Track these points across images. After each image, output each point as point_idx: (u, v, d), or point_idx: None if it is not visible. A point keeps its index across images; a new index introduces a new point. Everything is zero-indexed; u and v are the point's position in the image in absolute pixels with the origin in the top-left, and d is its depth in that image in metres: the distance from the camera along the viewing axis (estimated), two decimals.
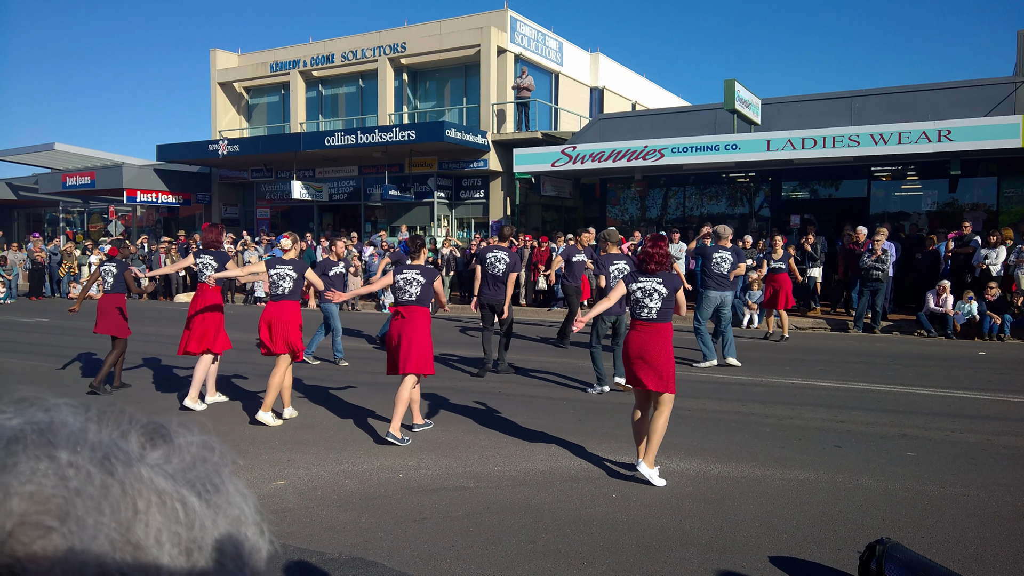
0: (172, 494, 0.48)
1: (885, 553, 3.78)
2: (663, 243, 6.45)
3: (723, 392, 9.62)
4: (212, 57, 30.66)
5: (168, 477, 0.49)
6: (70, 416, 0.49)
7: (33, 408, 0.50)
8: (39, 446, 0.45)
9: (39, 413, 0.49)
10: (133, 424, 0.52)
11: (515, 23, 25.08)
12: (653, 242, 6.42)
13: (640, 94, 33.38)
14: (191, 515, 0.48)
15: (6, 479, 0.43)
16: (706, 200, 22.66)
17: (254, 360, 11.82)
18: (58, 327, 16.62)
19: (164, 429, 0.54)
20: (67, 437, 0.47)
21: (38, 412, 0.49)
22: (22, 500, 0.42)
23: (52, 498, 0.43)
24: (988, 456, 6.77)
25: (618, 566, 4.56)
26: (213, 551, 0.48)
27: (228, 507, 0.51)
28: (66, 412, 0.50)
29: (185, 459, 0.52)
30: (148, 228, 33.04)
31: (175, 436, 0.53)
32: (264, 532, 0.54)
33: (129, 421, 0.52)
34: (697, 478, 6.24)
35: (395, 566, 4.56)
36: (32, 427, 0.47)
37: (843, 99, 19.94)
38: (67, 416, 0.49)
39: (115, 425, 0.51)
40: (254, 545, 0.52)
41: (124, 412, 0.54)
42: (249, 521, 0.52)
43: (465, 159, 24.39)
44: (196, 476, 0.51)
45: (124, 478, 0.46)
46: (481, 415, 8.42)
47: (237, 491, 0.53)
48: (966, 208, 18.86)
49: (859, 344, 13.98)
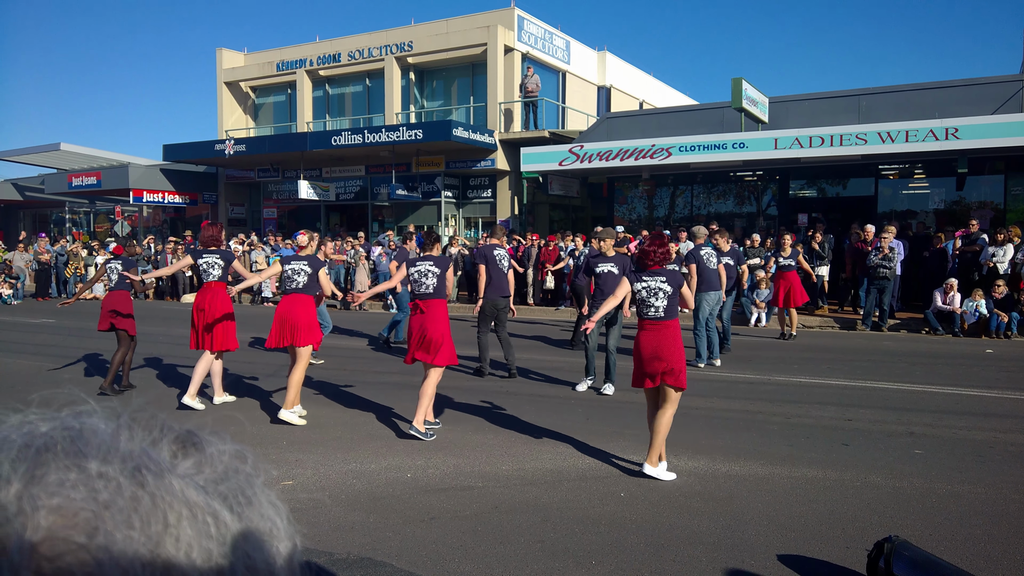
0: (203, 507, 0.46)
1: (893, 551, 3.78)
2: (664, 241, 6.48)
3: (731, 390, 9.61)
4: (218, 57, 30.72)
5: (199, 489, 0.47)
6: (101, 423, 0.49)
7: (63, 413, 0.49)
8: (68, 455, 0.44)
9: (69, 419, 0.48)
10: (165, 432, 0.51)
11: (522, 22, 25.07)
12: (653, 240, 6.46)
13: (647, 93, 33.33)
14: (222, 529, 0.47)
15: (34, 491, 0.42)
16: (714, 199, 22.63)
17: (262, 360, 11.86)
18: (65, 328, 16.67)
19: (196, 437, 0.53)
20: (98, 446, 0.46)
21: (68, 418, 0.48)
22: (49, 514, 0.41)
23: (80, 512, 0.42)
24: (996, 454, 6.76)
25: (627, 565, 4.56)
26: (244, 567, 0.47)
27: (260, 520, 0.50)
28: (97, 418, 0.49)
29: (217, 469, 0.51)
30: (155, 228, 33.11)
31: (207, 445, 0.53)
32: (297, 546, 0.53)
33: (161, 428, 0.52)
34: (705, 476, 6.24)
35: (404, 566, 4.57)
36: (62, 434, 0.46)
37: (850, 97, 19.90)
38: (98, 423, 0.49)
39: (147, 432, 0.51)
40: (286, 560, 0.51)
41: (156, 418, 0.53)
42: (282, 535, 0.51)
43: (472, 158, 24.39)
44: (228, 488, 0.50)
45: (155, 490, 0.45)
46: (488, 414, 8.43)
47: (270, 503, 0.52)
48: (973, 206, 18.81)
49: (866, 342, 13.95)
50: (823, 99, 20.38)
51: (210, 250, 9.09)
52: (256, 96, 31.48)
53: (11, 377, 10.86)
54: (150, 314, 18.24)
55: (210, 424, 0.60)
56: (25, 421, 0.47)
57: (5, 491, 0.41)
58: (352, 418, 8.35)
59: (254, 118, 31.46)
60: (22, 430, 0.46)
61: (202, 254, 9.09)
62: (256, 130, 30.97)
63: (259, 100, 31.50)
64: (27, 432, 0.46)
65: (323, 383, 10.13)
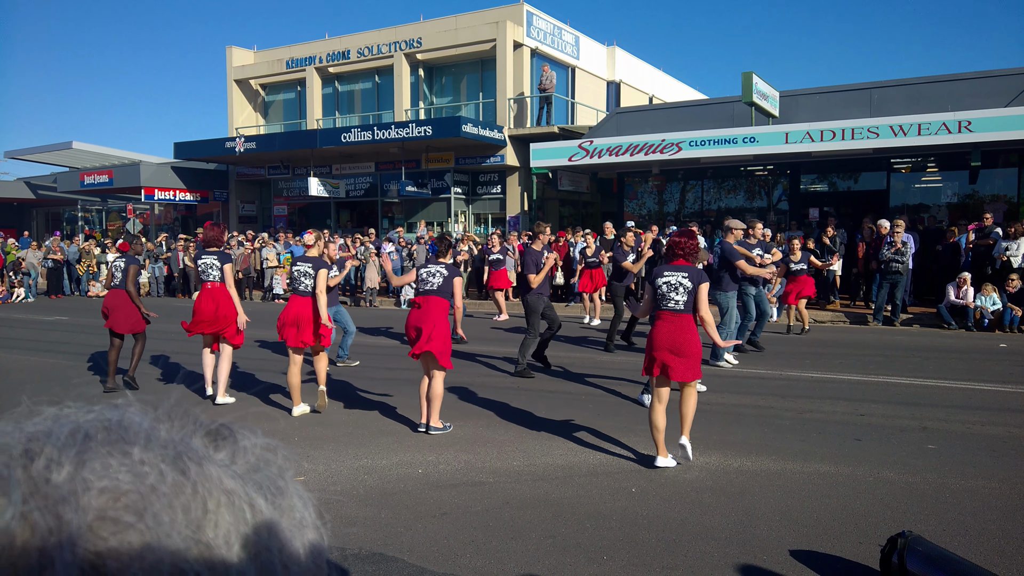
0: (240, 495, 0.48)
1: (907, 546, 3.77)
2: (693, 234, 6.49)
3: (742, 386, 9.58)
4: (228, 54, 30.79)
5: (236, 477, 0.49)
6: (138, 415, 0.50)
7: (101, 405, 0.51)
8: (112, 442, 0.46)
9: (107, 411, 0.50)
10: (198, 425, 0.53)
11: (531, 17, 25.02)
12: (682, 233, 6.46)
13: (657, 88, 33.24)
14: (258, 517, 0.48)
15: (84, 473, 0.43)
16: (724, 194, 22.56)
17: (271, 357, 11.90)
18: (78, 325, 16.75)
19: (228, 430, 0.54)
20: (138, 434, 0.48)
21: (106, 410, 0.50)
22: (100, 494, 0.43)
23: (128, 493, 0.43)
24: (1009, 448, 6.72)
25: (638, 560, 4.56)
26: (278, 553, 0.48)
27: (291, 511, 0.52)
28: (134, 410, 0.51)
29: (250, 461, 0.53)
30: (166, 226, 33.23)
31: (240, 438, 0.54)
32: (324, 538, 0.54)
33: (194, 422, 0.53)
34: (717, 472, 6.23)
35: (415, 561, 4.57)
36: (104, 423, 0.48)
37: (862, 91, 19.79)
38: (135, 415, 0.50)
39: (181, 424, 0.52)
40: (316, 551, 0.53)
41: (189, 413, 0.54)
42: (309, 525, 0.53)
43: (482, 154, 24.38)
44: (261, 478, 0.51)
45: (195, 477, 0.46)
46: (499, 410, 8.43)
47: (298, 495, 0.54)
48: (986, 199, 18.68)
49: (879, 337, 13.89)
50: (834, 92, 20.28)
51: (209, 251, 9.13)
52: (266, 93, 31.54)
53: (23, 373, 10.93)
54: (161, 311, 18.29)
55: (244, 418, 0.60)
56: (63, 413, 0.49)
57: (57, 472, 0.43)
58: (362, 414, 8.37)
59: (264, 116, 31.53)
60: (67, 419, 0.48)
61: (202, 255, 9.15)
62: (266, 127, 31.04)
63: (269, 98, 31.56)
64: (72, 421, 0.48)
65: (333, 379, 10.14)
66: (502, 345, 13.04)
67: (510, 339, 13.75)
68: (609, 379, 10.01)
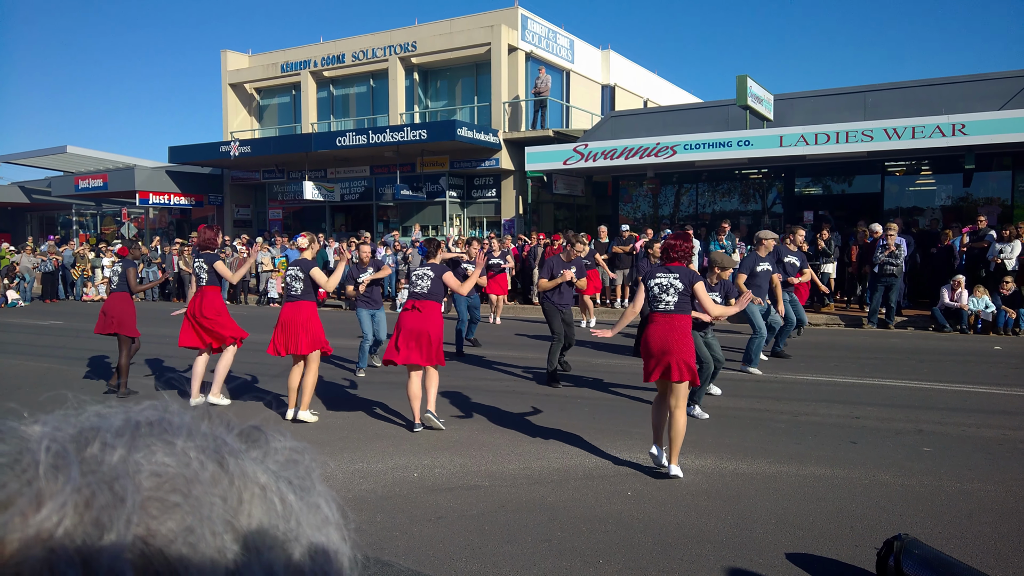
0: (273, 489, 0.51)
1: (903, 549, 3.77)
2: (688, 237, 6.49)
3: (737, 389, 9.58)
4: (223, 58, 30.75)
5: (269, 473, 0.52)
6: (178, 413, 0.54)
7: (146, 402, 0.55)
8: (158, 434, 0.50)
9: (149, 408, 0.54)
10: (230, 427, 0.56)
11: (526, 21, 25.03)
12: (678, 235, 6.46)
13: (652, 91, 33.27)
14: (288, 511, 0.51)
15: (135, 456, 0.47)
16: (719, 197, 22.57)
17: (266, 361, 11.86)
18: (72, 330, 16.71)
19: (260, 432, 0.58)
20: (181, 428, 0.51)
21: (148, 407, 0.54)
22: (150, 476, 0.46)
23: (175, 477, 0.47)
24: (1005, 451, 6.73)
25: (634, 564, 4.55)
26: (307, 547, 0.51)
27: (317, 508, 0.55)
28: (176, 408, 0.55)
29: (280, 460, 0.56)
30: (161, 230, 33.16)
31: (271, 439, 0.58)
32: (346, 538, 0.58)
33: (227, 423, 0.57)
34: (712, 475, 6.22)
35: (411, 565, 4.56)
36: (150, 417, 0.52)
37: (856, 94, 19.83)
38: (176, 412, 0.54)
39: (218, 424, 0.56)
40: (339, 547, 0.56)
41: (223, 414, 0.58)
42: (333, 523, 0.56)
43: (477, 158, 24.38)
44: (291, 476, 0.55)
45: (233, 470, 0.50)
46: (495, 414, 8.42)
47: (323, 494, 0.57)
48: (981, 202, 18.71)
49: (873, 340, 13.91)
50: (829, 96, 20.30)
51: (202, 253, 9.10)
52: (261, 97, 31.51)
53: (18, 378, 10.89)
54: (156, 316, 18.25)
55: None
56: (108, 409, 0.53)
57: (111, 455, 0.46)
58: (358, 418, 8.36)
59: (259, 119, 31.50)
60: (116, 412, 0.52)
61: (195, 258, 9.14)
62: (261, 131, 31.00)
63: (264, 101, 31.53)
64: (121, 413, 0.52)
65: (329, 383, 10.13)
66: (496, 349, 13.04)
67: (503, 343, 13.75)
68: (604, 383, 10.01)
